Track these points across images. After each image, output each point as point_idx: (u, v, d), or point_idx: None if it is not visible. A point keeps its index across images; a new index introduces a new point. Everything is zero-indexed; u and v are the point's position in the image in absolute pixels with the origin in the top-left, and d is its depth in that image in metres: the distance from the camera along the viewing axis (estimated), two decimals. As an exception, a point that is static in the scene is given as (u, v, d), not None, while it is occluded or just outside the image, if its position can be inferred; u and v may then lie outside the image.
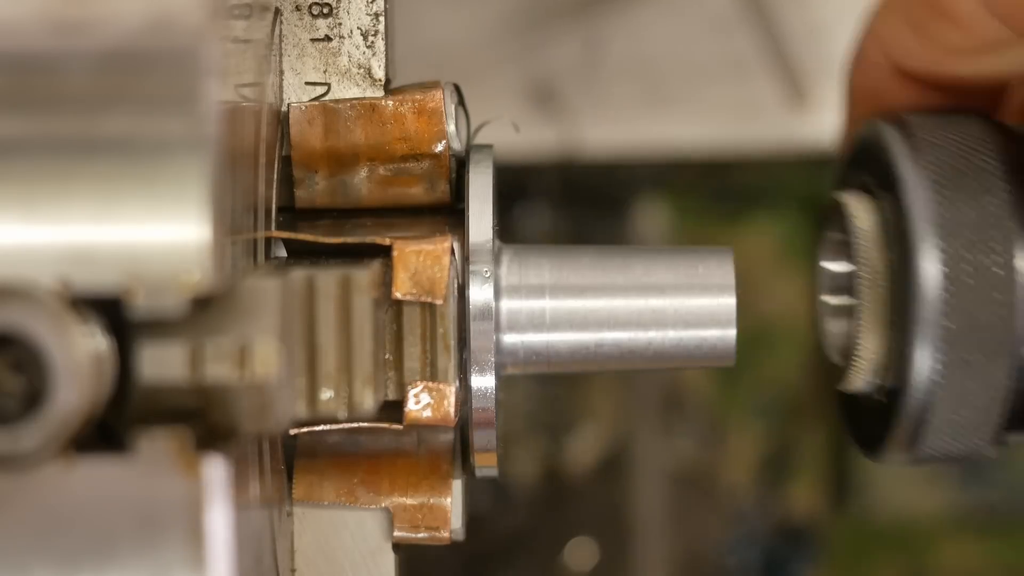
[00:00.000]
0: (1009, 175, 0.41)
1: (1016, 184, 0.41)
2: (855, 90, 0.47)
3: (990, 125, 0.43)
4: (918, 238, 0.41)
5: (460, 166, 0.45)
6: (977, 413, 0.42)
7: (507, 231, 0.45)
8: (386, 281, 0.41)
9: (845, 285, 0.43)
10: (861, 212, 0.43)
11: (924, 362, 0.41)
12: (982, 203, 0.41)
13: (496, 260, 0.43)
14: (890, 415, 0.42)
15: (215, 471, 0.32)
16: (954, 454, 0.43)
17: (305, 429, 0.43)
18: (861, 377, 0.43)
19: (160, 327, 0.33)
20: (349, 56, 0.44)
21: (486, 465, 0.44)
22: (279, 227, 0.43)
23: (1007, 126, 0.45)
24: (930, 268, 0.41)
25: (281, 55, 0.44)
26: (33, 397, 0.31)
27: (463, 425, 0.43)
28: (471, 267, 0.43)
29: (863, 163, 0.44)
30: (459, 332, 0.42)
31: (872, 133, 0.44)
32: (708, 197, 0.80)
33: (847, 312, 0.43)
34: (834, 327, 0.44)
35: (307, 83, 0.44)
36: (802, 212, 0.75)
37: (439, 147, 0.44)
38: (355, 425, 0.42)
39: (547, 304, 0.43)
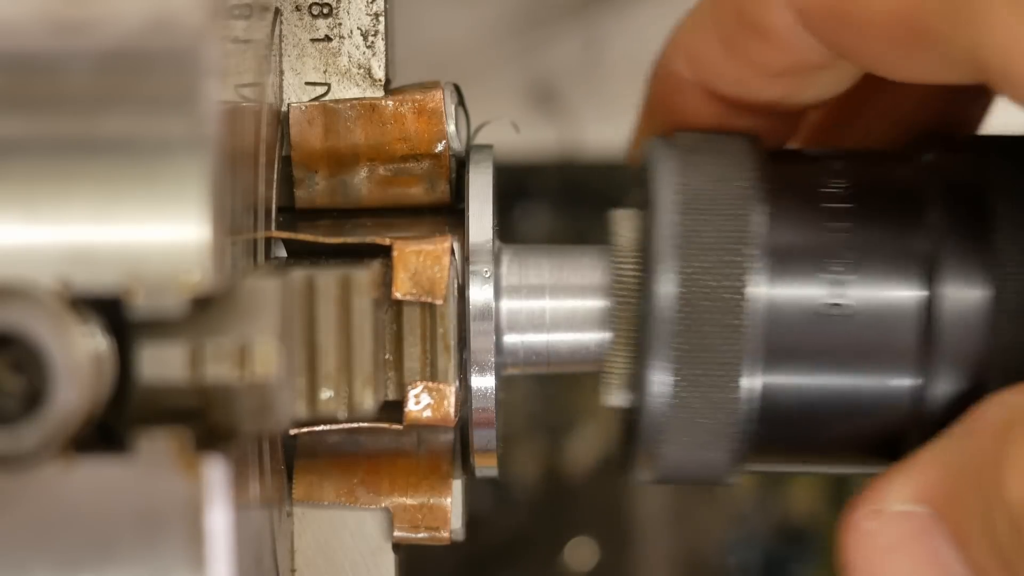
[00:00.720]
0: (761, 203, 0.41)
1: (767, 210, 0.41)
2: (654, 101, 0.46)
3: (759, 152, 0.42)
4: (657, 259, 0.41)
5: (460, 166, 0.45)
6: (711, 437, 0.42)
7: (507, 231, 0.45)
8: (386, 281, 0.41)
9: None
10: (623, 228, 0.43)
11: (657, 382, 0.41)
12: (726, 229, 0.41)
13: (496, 260, 0.43)
14: (633, 432, 0.43)
15: (215, 471, 0.32)
16: (696, 477, 0.43)
17: (305, 429, 0.43)
18: (613, 392, 0.43)
19: (160, 327, 0.33)
20: (349, 56, 0.44)
21: (486, 465, 0.44)
22: (279, 227, 0.43)
23: (778, 152, 0.44)
24: (666, 289, 0.41)
25: (281, 55, 0.44)
26: (33, 397, 0.31)
27: (463, 425, 0.43)
28: (471, 267, 0.43)
29: (639, 179, 0.44)
30: (459, 332, 0.42)
31: (644, 154, 0.44)
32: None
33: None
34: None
35: (307, 83, 0.44)
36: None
37: (439, 147, 0.44)
38: (355, 425, 0.42)
39: (547, 304, 0.43)
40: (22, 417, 0.31)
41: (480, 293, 0.42)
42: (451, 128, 0.44)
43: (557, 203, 0.78)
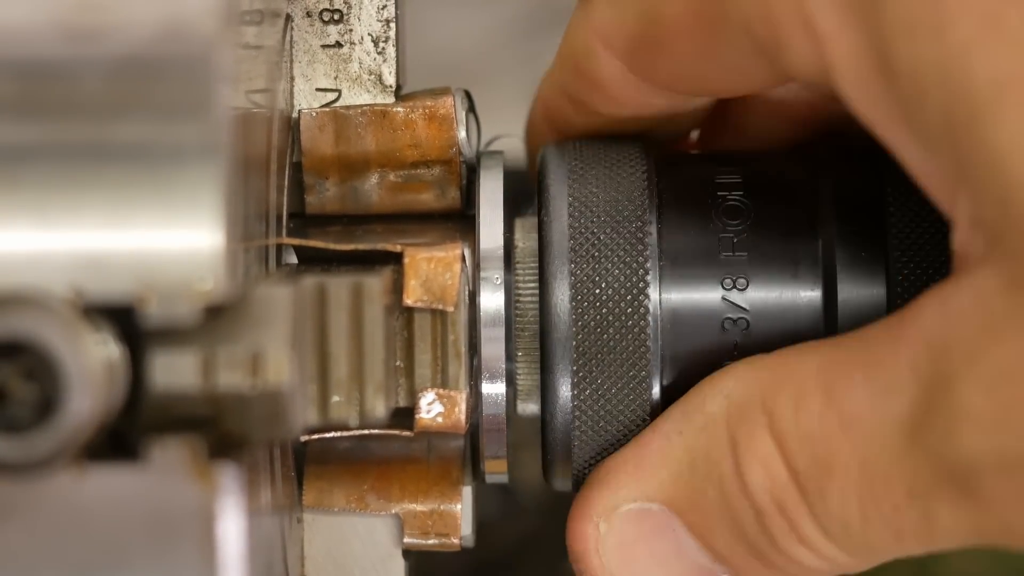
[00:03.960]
0: (653, 208, 0.41)
1: (660, 216, 0.41)
2: (529, 154, 0.47)
3: (649, 157, 0.43)
4: (552, 270, 0.41)
5: (471, 172, 0.45)
6: (619, 445, 0.42)
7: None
8: (397, 288, 0.41)
9: None
10: (522, 238, 0.43)
11: (559, 391, 0.41)
12: (619, 235, 0.41)
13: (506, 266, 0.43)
14: (544, 442, 0.43)
15: (228, 479, 0.32)
16: None
17: (316, 436, 0.43)
18: (523, 402, 0.43)
19: (172, 335, 0.33)
20: (360, 62, 0.44)
21: (496, 472, 0.44)
22: (290, 233, 0.43)
23: (670, 156, 0.44)
24: (561, 298, 0.41)
25: (292, 61, 0.44)
26: (46, 405, 0.31)
27: (473, 432, 0.43)
28: (482, 274, 0.42)
29: (537, 189, 0.44)
30: (470, 339, 0.42)
31: (540, 161, 0.44)
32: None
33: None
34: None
35: (318, 89, 0.44)
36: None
37: (450, 153, 0.44)
38: (366, 432, 0.42)
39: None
40: (35, 425, 0.31)
41: (491, 300, 0.42)
42: (462, 134, 0.44)
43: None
